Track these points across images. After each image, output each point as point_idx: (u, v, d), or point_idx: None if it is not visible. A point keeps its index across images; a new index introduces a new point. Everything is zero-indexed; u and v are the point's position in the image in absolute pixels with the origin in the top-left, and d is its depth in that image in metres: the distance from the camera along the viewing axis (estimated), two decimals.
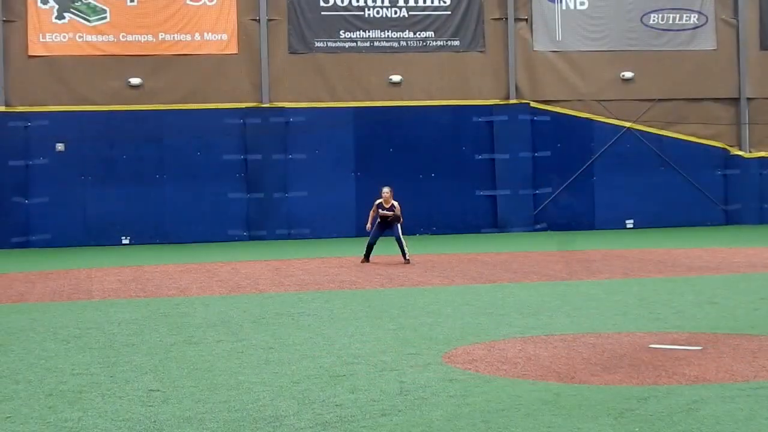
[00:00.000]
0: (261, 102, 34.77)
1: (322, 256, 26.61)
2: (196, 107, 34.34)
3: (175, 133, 34.13)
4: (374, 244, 24.15)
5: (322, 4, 35.17)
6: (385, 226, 24.05)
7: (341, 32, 35.32)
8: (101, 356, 11.27)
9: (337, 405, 8.46)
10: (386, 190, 24.24)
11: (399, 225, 23.91)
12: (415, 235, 34.15)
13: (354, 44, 35.42)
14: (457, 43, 36.00)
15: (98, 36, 34.20)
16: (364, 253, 24.14)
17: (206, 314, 14.84)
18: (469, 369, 10.05)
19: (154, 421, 8.04)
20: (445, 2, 35.88)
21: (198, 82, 34.53)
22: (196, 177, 34.03)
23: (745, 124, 37.22)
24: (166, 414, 8.29)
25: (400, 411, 8.20)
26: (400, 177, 34.36)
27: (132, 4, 34.33)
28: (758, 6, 37.65)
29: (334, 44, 35.28)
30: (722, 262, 22.22)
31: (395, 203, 24.09)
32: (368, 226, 24.34)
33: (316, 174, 34.48)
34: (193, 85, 34.51)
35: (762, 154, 37.18)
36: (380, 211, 24.01)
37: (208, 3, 34.72)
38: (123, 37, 34.32)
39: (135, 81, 34.21)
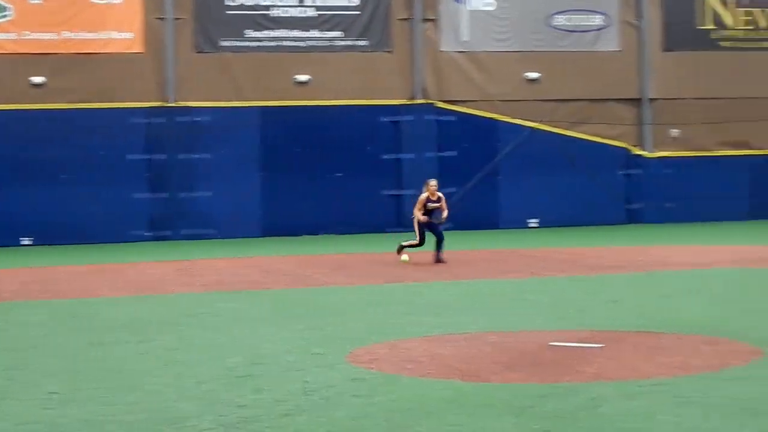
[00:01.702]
0: (167, 101, 34.47)
1: (227, 256, 26.48)
2: (101, 106, 33.90)
3: (80, 132, 33.64)
4: (440, 236, 22.76)
5: (228, 3, 34.93)
6: (429, 225, 22.77)
7: (247, 31, 35.13)
8: (1, 359, 11.09)
9: (241, 406, 8.43)
10: (433, 183, 23.04)
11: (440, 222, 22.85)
12: (319, 234, 34.14)
13: (260, 43, 35.27)
14: (364, 43, 36.02)
15: (1, 34, 33.62)
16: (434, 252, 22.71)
17: (111, 315, 14.69)
18: (374, 368, 10.08)
19: (54, 424, 7.94)
20: (352, 2, 35.89)
21: (103, 81, 34.09)
22: (100, 177, 33.57)
23: (648, 124, 37.78)
24: (68, 417, 8.20)
25: (304, 411, 8.20)
26: (307, 176, 34.37)
27: (36, 2, 33.79)
28: (661, 8, 38.22)
29: (240, 43, 35.07)
30: (625, 260, 22.52)
31: (441, 195, 22.94)
32: (420, 218, 22.60)
33: (222, 174, 34.24)
34: (99, 84, 34.06)
35: (663, 153, 37.76)
36: (428, 204, 22.70)
37: (114, 1, 34.33)
38: (27, 35, 33.78)
39: (38, 80, 33.68)
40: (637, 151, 37.63)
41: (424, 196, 22.86)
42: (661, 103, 37.93)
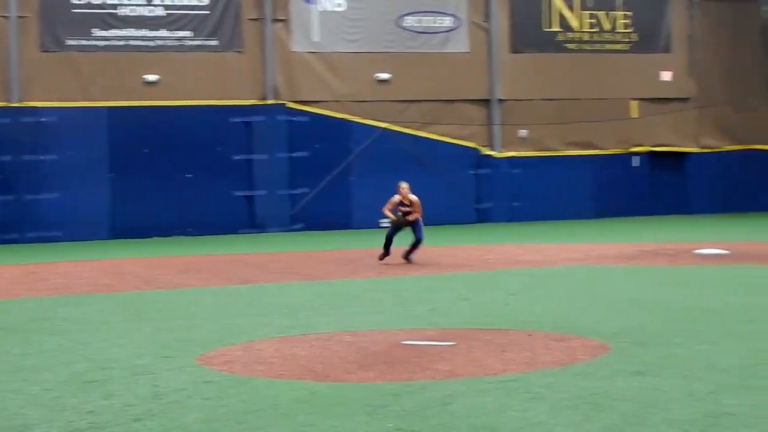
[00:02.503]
0: (10, 101, 33.68)
1: (75, 260, 25.99)
2: None
3: None
4: (393, 236, 22.12)
5: (73, 1, 34.30)
6: (405, 222, 22.20)
7: (94, 30, 34.53)
8: None
9: (89, 411, 8.27)
10: (405, 185, 22.31)
11: (421, 222, 22.13)
12: (170, 236, 33.78)
13: (108, 43, 34.71)
14: (215, 42, 35.77)
15: None
16: (384, 246, 22.13)
17: None
18: (225, 370, 9.99)
19: None
20: (202, 2, 35.59)
21: None
22: None
23: (497, 125, 38.35)
24: None
25: (154, 415, 8.09)
26: (157, 177, 34.01)
27: None
28: (508, 10, 38.84)
29: (87, 42, 34.47)
30: (474, 259, 22.78)
31: (413, 198, 22.19)
32: (387, 213, 22.28)
33: (70, 175, 33.63)
34: None
35: (511, 153, 38.39)
36: (401, 208, 22.08)
37: None
38: None
39: None
40: (487, 151, 38.18)
41: (396, 198, 22.25)
42: (510, 103, 38.56)
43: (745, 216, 38.09)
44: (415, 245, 22.12)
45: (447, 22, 38.20)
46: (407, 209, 22.11)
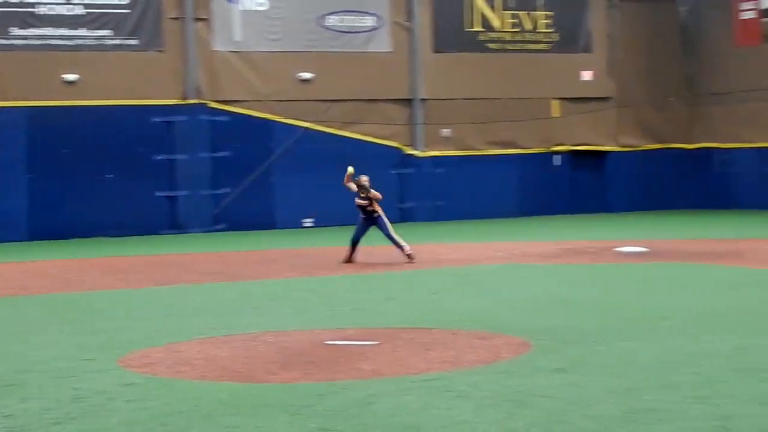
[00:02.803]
0: None
1: None
2: None
3: None
4: (358, 240, 22.38)
5: None
6: (369, 221, 22.45)
7: (12, 29, 34.00)
8: None
9: (6, 416, 8.15)
10: (365, 178, 22.61)
11: (384, 219, 22.34)
12: (92, 238, 33.37)
13: (26, 42, 34.20)
14: (135, 42, 35.40)
15: None
16: (349, 249, 22.35)
17: None
18: (148, 372, 9.91)
19: None
20: (122, 0, 35.21)
21: None
22: None
23: (419, 124, 38.42)
24: None
25: (74, 419, 7.99)
26: (77, 179, 33.57)
27: None
28: (430, 10, 38.93)
29: (4, 41, 33.92)
30: (397, 258, 22.80)
31: (372, 192, 22.44)
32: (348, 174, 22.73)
33: None
34: None
35: (434, 153, 38.48)
36: (357, 200, 22.45)
37: None
38: None
39: None
40: (409, 151, 38.23)
41: (356, 190, 22.55)
42: (432, 103, 38.64)
43: (665, 214, 38.56)
44: (395, 244, 22.35)
45: (369, 21, 38.20)
46: (363, 202, 22.55)
